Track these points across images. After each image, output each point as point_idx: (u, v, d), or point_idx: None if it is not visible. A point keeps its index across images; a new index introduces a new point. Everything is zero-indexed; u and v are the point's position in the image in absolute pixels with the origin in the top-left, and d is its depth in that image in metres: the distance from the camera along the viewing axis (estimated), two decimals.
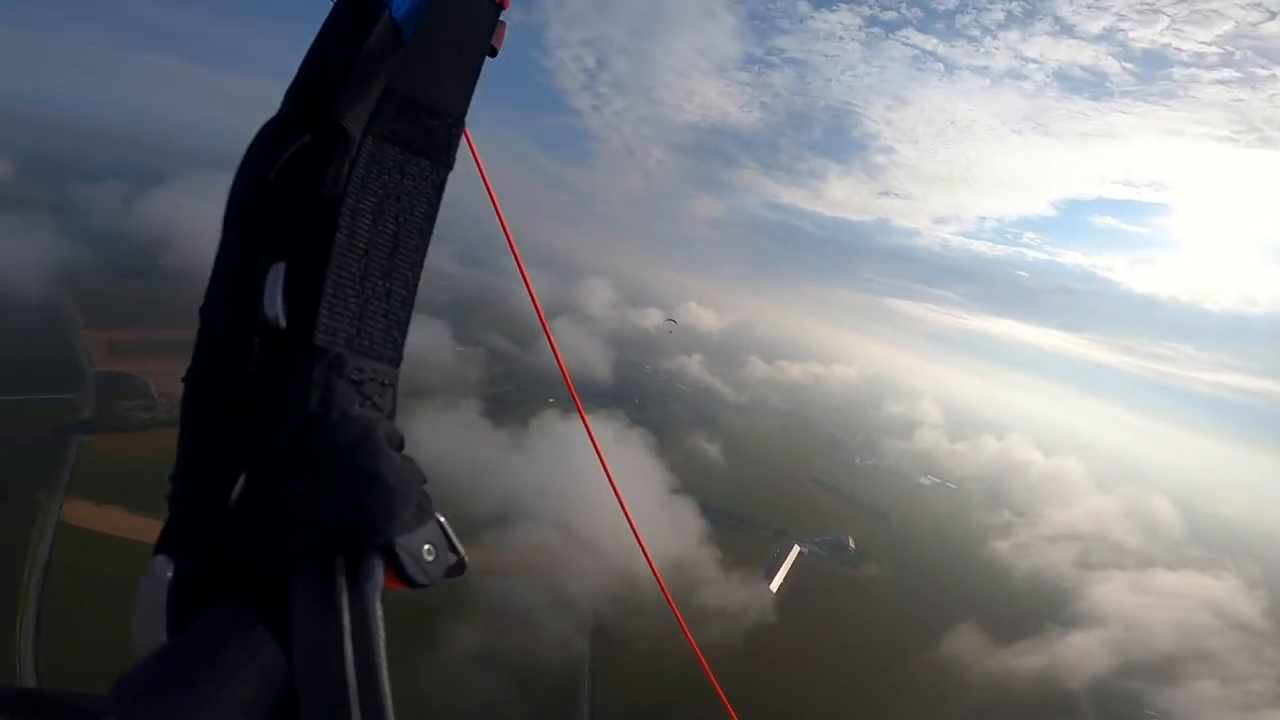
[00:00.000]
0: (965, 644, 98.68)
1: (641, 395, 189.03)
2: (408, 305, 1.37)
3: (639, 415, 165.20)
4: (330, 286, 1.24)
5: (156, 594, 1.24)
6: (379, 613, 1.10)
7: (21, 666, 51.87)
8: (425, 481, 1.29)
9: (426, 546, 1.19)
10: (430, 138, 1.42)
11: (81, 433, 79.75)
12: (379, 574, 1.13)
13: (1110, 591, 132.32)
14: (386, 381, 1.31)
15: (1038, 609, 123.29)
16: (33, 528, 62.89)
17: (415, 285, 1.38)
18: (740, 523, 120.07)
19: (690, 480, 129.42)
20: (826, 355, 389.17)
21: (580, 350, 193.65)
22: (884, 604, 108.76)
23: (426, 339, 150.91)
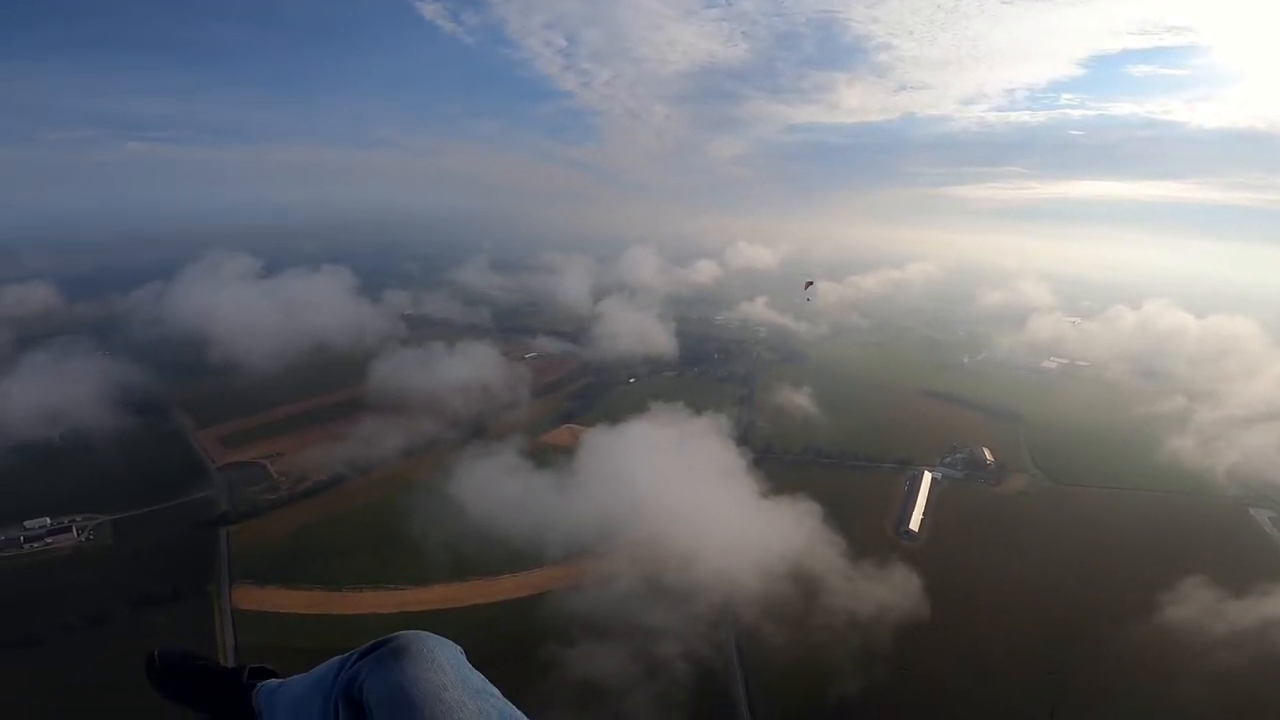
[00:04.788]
0: (1188, 591, 71.28)
1: (720, 349, 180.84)
2: None
3: (722, 371, 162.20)
4: None
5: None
6: None
7: None
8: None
9: None
10: None
11: (224, 525, 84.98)
12: None
13: None
14: None
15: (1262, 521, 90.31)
16: (213, 618, 67.42)
17: None
18: (855, 463, 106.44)
19: (792, 429, 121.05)
20: (898, 258, 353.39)
21: (639, 322, 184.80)
22: (1051, 527, 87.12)
23: (479, 364, 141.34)
